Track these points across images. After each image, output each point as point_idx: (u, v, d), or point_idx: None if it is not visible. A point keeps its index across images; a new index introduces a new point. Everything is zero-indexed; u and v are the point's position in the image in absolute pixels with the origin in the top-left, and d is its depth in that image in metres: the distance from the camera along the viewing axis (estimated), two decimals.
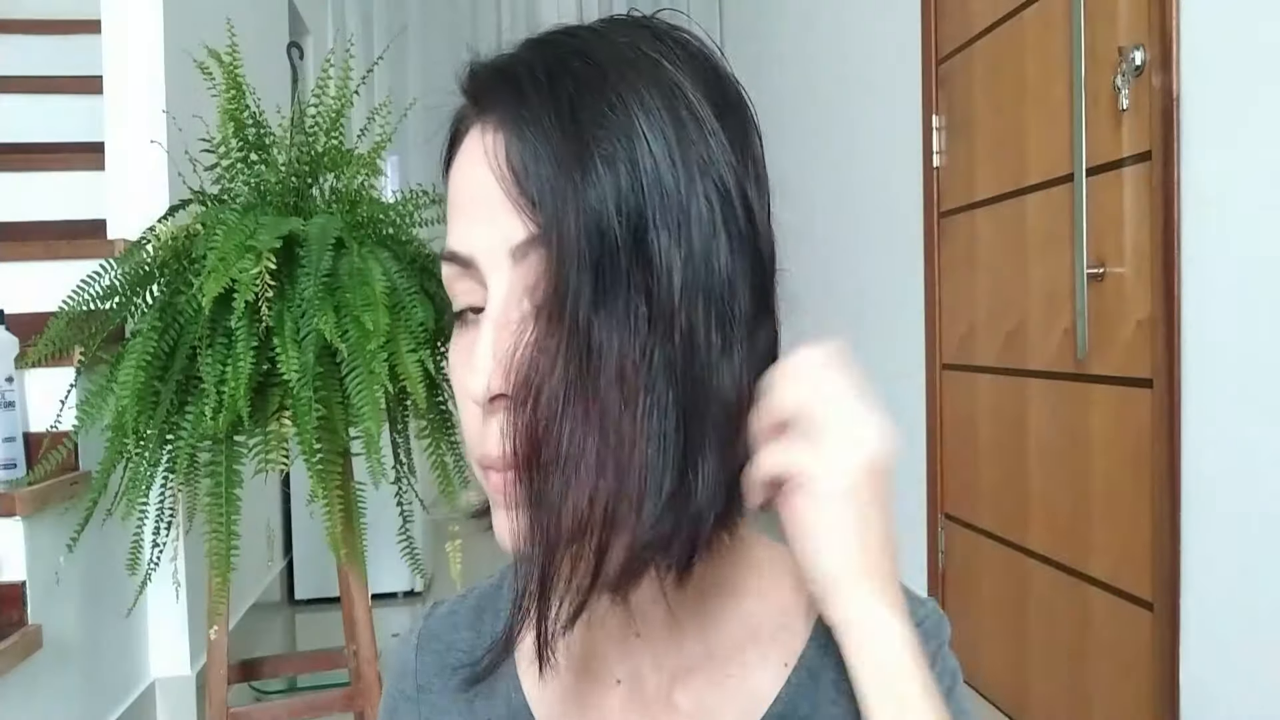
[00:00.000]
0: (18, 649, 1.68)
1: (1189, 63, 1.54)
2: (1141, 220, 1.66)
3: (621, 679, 0.55)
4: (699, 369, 0.45)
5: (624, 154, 0.44)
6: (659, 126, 0.45)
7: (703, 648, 0.54)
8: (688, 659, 0.54)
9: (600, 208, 0.43)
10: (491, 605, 0.60)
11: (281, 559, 3.45)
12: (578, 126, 0.44)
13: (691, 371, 0.45)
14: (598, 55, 0.46)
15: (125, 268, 1.64)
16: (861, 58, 3.00)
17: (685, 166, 0.45)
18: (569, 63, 0.46)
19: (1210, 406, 1.53)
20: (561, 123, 0.44)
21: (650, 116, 0.45)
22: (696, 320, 0.45)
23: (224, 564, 1.62)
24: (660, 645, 0.54)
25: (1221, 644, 1.52)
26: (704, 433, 0.45)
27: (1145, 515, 1.66)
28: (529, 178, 0.45)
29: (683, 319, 0.44)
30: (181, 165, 1.82)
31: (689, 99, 0.46)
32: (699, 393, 0.45)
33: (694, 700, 0.54)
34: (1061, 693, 1.99)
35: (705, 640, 0.54)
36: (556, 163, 0.44)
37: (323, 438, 1.62)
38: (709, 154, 0.46)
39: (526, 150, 0.45)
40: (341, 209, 1.75)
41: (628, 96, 0.45)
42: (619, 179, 0.44)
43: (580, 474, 0.43)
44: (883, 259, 2.83)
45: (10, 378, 1.87)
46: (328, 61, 1.91)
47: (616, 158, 0.44)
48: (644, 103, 0.45)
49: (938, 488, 2.53)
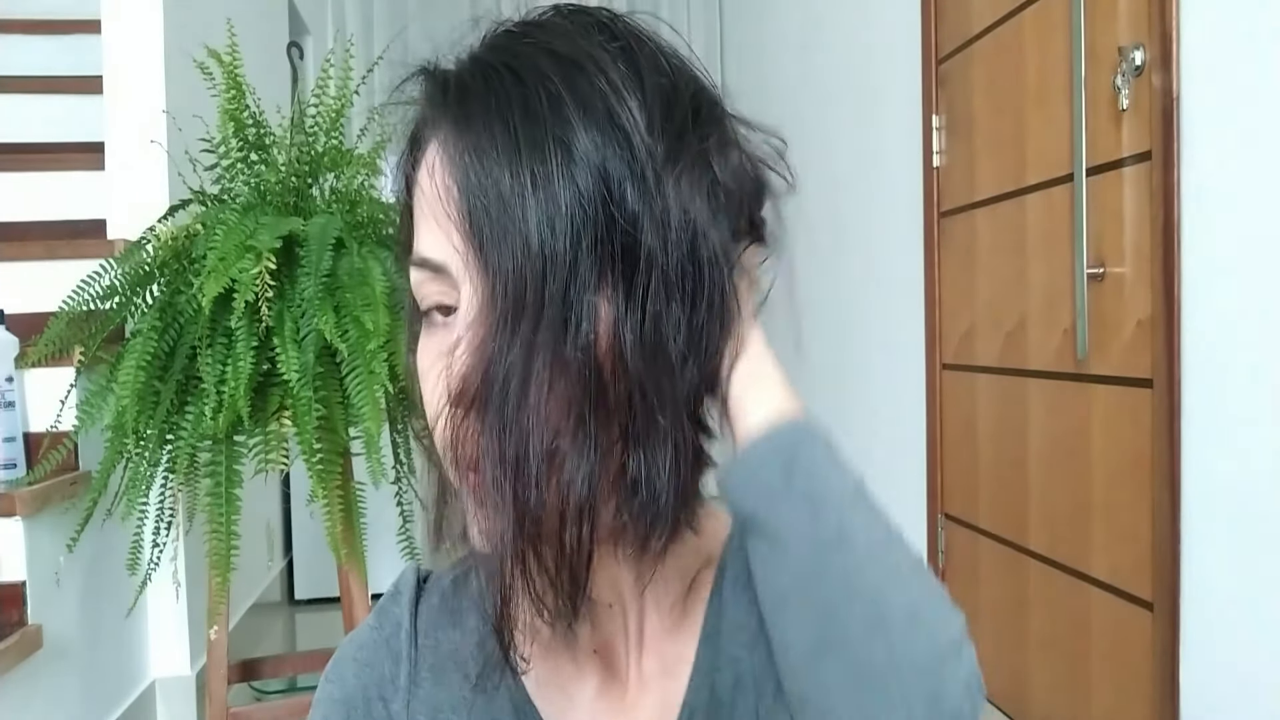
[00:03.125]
0: (18, 649, 1.68)
1: (1189, 63, 1.54)
2: (1141, 220, 1.66)
3: (597, 649, 0.58)
4: (659, 364, 0.47)
5: (565, 173, 0.45)
6: (603, 140, 0.46)
7: (659, 608, 0.58)
8: (648, 621, 0.58)
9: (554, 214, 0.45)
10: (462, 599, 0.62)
11: (281, 559, 3.46)
12: (518, 155, 0.46)
13: (653, 366, 0.46)
14: (546, 65, 0.47)
15: (125, 268, 1.64)
16: (861, 58, 3.00)
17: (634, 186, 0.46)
18: (521, 76, 0.47)
19: (1210, 406, 1.53)
20: (504, 149, 0.46)
21: (594, 129, 0.46)
22: (660, 321, 0.46)
23: (224, 564, 1.62)
24: (628, 613, 0.57)
25: (1221, 644, 1.52)
26: (666, 425, 0.47)
27: (1145, 515, 1.66)
28: (475, 194, 0.46)
29: (639, 322, 0.46)
30: (181, 165, 1.82)
31: (632, 112, 0.47)
32: (660, 387, 0.47)
33: (657, 663, 0.58)
34: (1061, 693, 1.99)
35: (661, 605, 0.58)
36: (496, 184, 0.46)
37: (323, 438, 1.62)
38: (651, 166, 0.46)
39: (470, 170, 0.47)
40: (341, 209, 1.75)
41: (573, 118, 0.46)
42: (565, 193, 0.45)
43: (555, 467, 0.45)
44: (883, 259, 2.83)
45: (10, 378, 1.87)
46: (328, 61, 1.91)
47: (557, 187, 0.45)
48: (588, 114, 0.46)
49: (938, 488, 2.53)
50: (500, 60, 0.48)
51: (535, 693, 0.58)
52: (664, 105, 0.48)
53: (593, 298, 0.45)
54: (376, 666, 0.60)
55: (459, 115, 0.48)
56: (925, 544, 2.58)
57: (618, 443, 0.47)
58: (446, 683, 0.59)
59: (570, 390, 0.45)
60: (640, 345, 0.46)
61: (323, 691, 0.60)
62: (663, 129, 0.47)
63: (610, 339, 0.46)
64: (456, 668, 0.58)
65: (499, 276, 0.46)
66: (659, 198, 0.46)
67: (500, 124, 0.46)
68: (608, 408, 0.46)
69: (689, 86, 0.50)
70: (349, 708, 0.58)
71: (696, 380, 0.48)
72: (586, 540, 0.47)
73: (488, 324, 0.46)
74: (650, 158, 0.46)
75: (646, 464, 0.47)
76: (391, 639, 0.60)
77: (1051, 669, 2.02)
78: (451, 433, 0.47)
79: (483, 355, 0.46)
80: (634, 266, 0.46)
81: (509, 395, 0.45)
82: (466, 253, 0.47)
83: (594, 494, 0.46)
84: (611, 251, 0.45)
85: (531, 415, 0.45)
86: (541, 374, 0.45)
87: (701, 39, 4.68)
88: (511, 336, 0.45)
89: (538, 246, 0.45)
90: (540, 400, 0.45)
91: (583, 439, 0.46)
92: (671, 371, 0.47)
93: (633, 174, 0.46)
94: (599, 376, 0.46)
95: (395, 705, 0.59)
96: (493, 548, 0.47)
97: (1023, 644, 2.13)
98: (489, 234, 0.46)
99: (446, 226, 0.48)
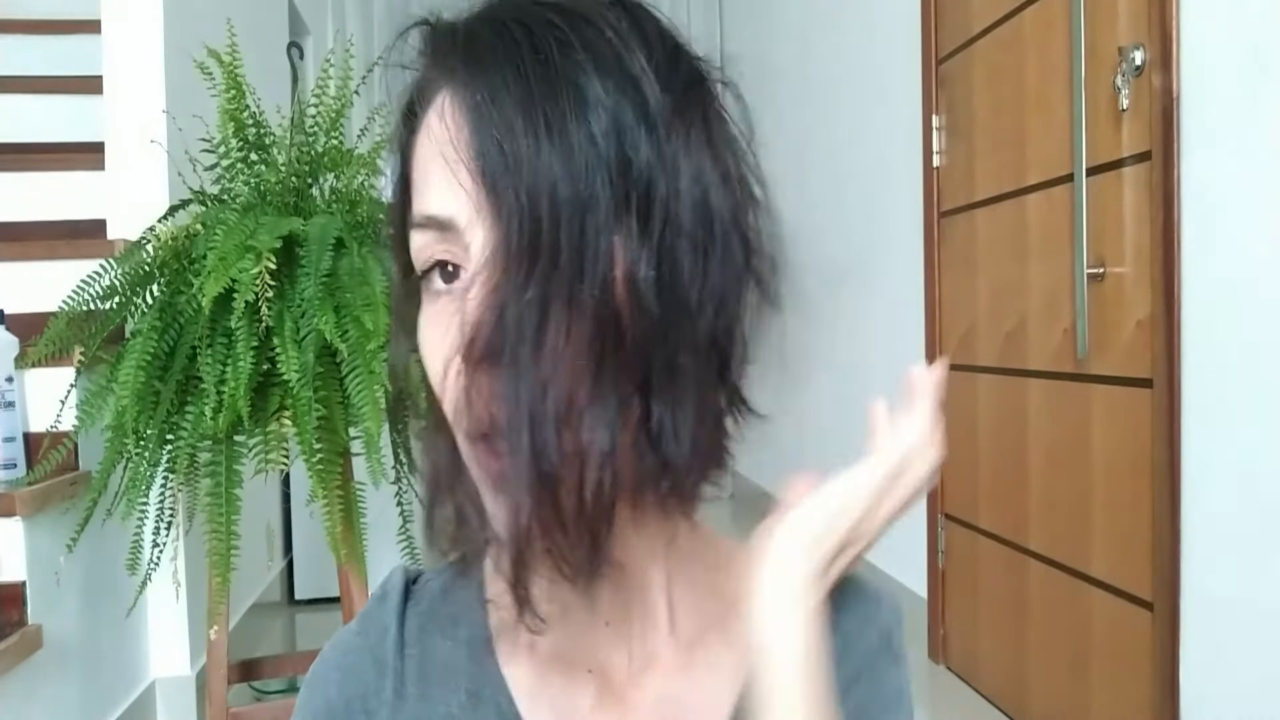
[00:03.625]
0: (18, 649, 1.68)
1: (1189, 63, 1.54)
2: (1141, 220, 1.66)
3: (593, 669, 0.56)
4: (677, 306, 0.46)
5: (579, 114, 0.44)
6: (614, 87, 0.45)
7: (668, 636, 0.56)
8: (654, 647, 0.55)
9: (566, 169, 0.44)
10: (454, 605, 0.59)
11: (281, 559, 3.46)
12: (532, 99, 0.45)
13: (671, 307, 0.46)
14: (553, 16, 0.47)
15: (125, 268, 1.64)
16: (861, 58, 3.00)
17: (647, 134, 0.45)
18: (529, 26, 0.46)
19: (1210, 406, 1.53)
20: (516, 93, 0.45)
21: (605, 77, 0.45)
22: (677, 264, 0.46)
23: (224, 564, 1.62)
24: (628, 634, 0.55)
25: (1221, 644, 1.52)
26: (689, 371, 0.46)
27: (1145, 515, 1.66)
28: (484, 150, 0.45)
29: (656, 263, 0.45)
30: (181, 165, 1.82)
31: (642, 63, 0.46)
32: (680, 329, 0.46)
33: (661, 688, 0.55)
34: (1061, 693, 1.99)
35: (671, 628, 0.56)
36: (510, 125, 0.45)
37: (323, 438, 1.62)
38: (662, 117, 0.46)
39: (483, 110, 0.45)
40: (341, 209, 1.75)
41: (584, 64, 0.45)
42: (580, 135, 0.44)
43: (573, 416, 0.44)
44: (883, 259, 2.83)
45: (10, 378, 1.87)
46: (328, 61, 1.91)
47: (572, 130, 0.44)
48: (599, 62, 0.45)
49: (938, 488, 2.53)
50: (507, 15, 0.47)
51: (526, 710, 0.55)
52: (669, 61, 0.48)
53: (609, 237, 0.44)
54: (360, 675, 0.57)
55: (470, 60, 0.47)
56: (925, 544, 2.58)
57: (637, 392, 0.45)
58: (433, 697, 0.56)
59: (588, 334, 0.44)
60: (657, 286, 0.45)
61: (304, 699, 0.58)
62: (669, 82, 0.47)
63: (627, 280, 0.45)
64: (445, 680, 0.56)
65: (513, 218, 0.44)
66: (670, 147, 0.46)
67: (511, 69, 0.45)
68: (626, 353, 0.45)
69: (689, 51, 0.50)
70: (331, 718, 0.56)
71: (713, 327, 0.47)
72: (608, 491, 0.45)
73: (501, 269, 0.45)
74: (660, 108, 0.46)
75: (669, 412, 0.46)
76: (376, 647, 0.58)
77: (1051, 669, 2.02)
78: (462, 391, 0.46)
79: (496, 301, 0.44)
80: (649, 210, 0.45)
81: (524, 340, 0.44)
82: (479, 196, 0.46)
83: (615, 443, 0.44)
84: (626, 194, 0.45)
85: (549, 361, 0.44)
86: (559, 317, 0.44)
87: (702, 38, 4.68)
88: (526, 280, 0.44)
89: (553, 187, 0.44)
90: (558, 345, 0.44)
91: (602, 386, 0.44)
92: (691, 314, 0.46)
93: (645, 122, 0.45)
94: (617, 320, 0.45)
95: (380, 718, 0.56)
96: (508, 504, 0.45)
97: (1023, 644, 2.13)
98: (502, 174, 0.45)
99: (458, 171, 0.46)
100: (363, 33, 4.66)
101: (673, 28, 0.51)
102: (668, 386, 0.46)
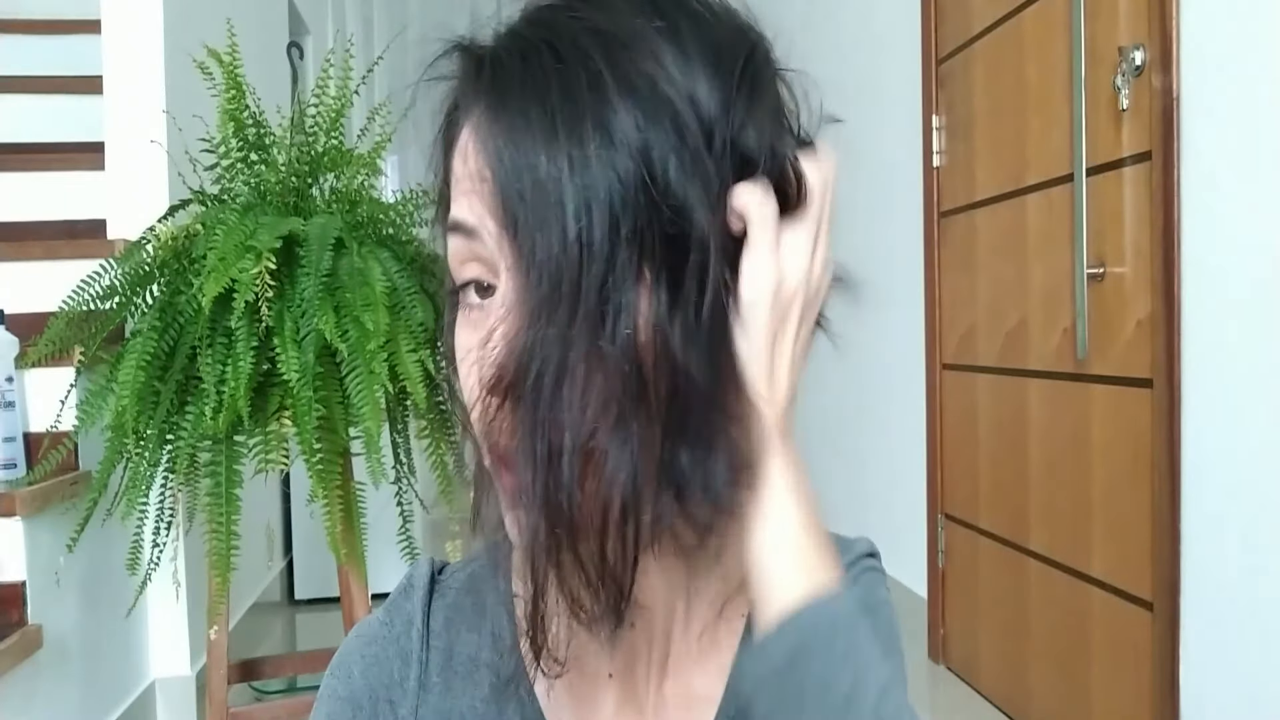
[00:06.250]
0: (18, 649, 1.68)
1: (1189, 63, 1.54)
2: (1141, 220, 1.66)
3: (614, 673, 0.55)
4: (713, 356, 0.45)
5: (604, 157, 0.43)
6: (646, 119, 0.43)
7: (687, 633, 0.55)
8: (674, 645, 0.55)
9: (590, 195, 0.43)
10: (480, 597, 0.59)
11: (281, 559, 3.45)
12: (556, 140, 0.43)
13: (706, 358, 0.44)
14: (587, 42, 0.45)
15: (125, 268, 1.64)
16: (861, 58, 3.00)
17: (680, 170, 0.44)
18: (559, 50, 0.45)
19: (1210, 406, 1.53)
20: (540, 133, 0.44)
21: (636, 109, 0.43)
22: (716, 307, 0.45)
23: (224, 564, 1.62)
24: (650, 635, 0.55)
25: (1221, 644, 1.52)
26: (717, 431, 0.45)
27: (1145, 515, 1.67)
28: (509, 178, 0.44)
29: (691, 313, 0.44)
30: (181, 165, 1.82)
31: (679, 86, 0.45)
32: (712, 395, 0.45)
33: (682, 687, 0.55)
34: (1061, 693, 1.99)
35: (688, 625, 0.55)
36: (532, 170, 0.43)
37: (323, 438, 1.62)
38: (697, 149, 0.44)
39: (504, 155, 0.44)
40: (341, 209, 1.75)
41: (614, 91, 0.44)
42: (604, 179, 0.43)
43: (592, 465, 0.43)
44: (883, 259, 2.83)
45: (10, 378, 1.87)
46: (328, 61, 1.91)
47: (596, 173, 0.43)
48: (632, 92, 0.44)
49: (938, 488, 2.53)
50: (540, 36, 0.46)
51: (549, 711, 0.55)
52: (712, 70, 0.46)
53: (631, 291, 0.43)
54: (385, 666, 0.57)
55: (493, 97, 0.46)
56: (925, 544, 2.58)
57: (663, 440, 0.44)
58: (458, 690, 0.56)
59: (609, 385, 0.43)
60: (689, 338, 0.44)
61: (327, 687, 0.57)
62: (709, 98, 0.45)
63: (650, 333, 0.43)
64: (470, 674, 0.56)
65: (534, 266, 0.43)
66: (709, 181, 0.44)
67: (537, 106, 0.44)
68: (649, 403, 0.44)
69: (741, 49, 0.48)
70: (355, 707, 0.56)
71: (750, 375, 0.46)
72: (631, 542, 0.45)
73: (523, 313, 0.44)
74: (700, 129, 0.44)
75: (697, 462, 0.45)
76: (402, 637, 0.58)
77: (1051, 669, 2.02)
78: (486, 424, 0.46)
79: (517, 346, 0.44)
80: (682, 254, 0.44)
81: (543, 389, 0.43)
82: (501, 240, 0.45)
83: (638, 493, 0.44)
84: (653, 240, 0.43)
85: (566, 410, 0.43)
86: (577, 367, 0.43)
87: None
88: (546, 328, 0.43)
89: (574, 236, 0.42)
90: (575, 395, 0.43)
91: (623, 435, 0.43)
92: (719, 366, 0.45)
93: (678, 156, 0.43)
94: (639, 371, 0.43)
95: (403, 710, 0.56)
96: (525, 547, 0.45)
97: (1023, 644, 2.13)
98: (524, 222, 0.44)
99: (480, 212, 0.46)
100: (363, 33, 4.66)
101: (725, 14, 0.49)
102: (694, 434, 0.45)
